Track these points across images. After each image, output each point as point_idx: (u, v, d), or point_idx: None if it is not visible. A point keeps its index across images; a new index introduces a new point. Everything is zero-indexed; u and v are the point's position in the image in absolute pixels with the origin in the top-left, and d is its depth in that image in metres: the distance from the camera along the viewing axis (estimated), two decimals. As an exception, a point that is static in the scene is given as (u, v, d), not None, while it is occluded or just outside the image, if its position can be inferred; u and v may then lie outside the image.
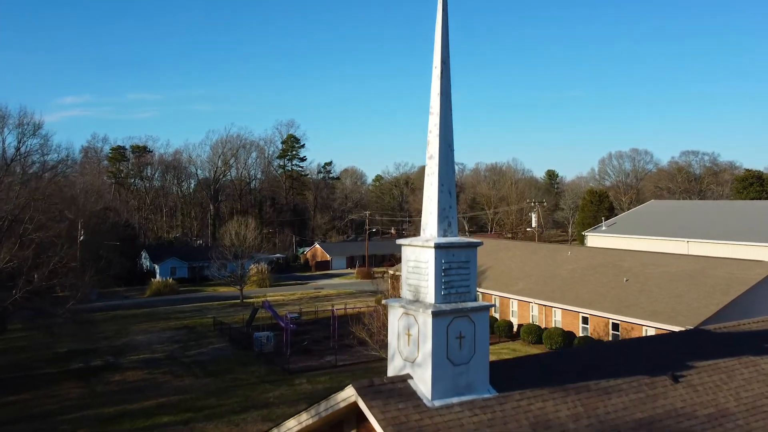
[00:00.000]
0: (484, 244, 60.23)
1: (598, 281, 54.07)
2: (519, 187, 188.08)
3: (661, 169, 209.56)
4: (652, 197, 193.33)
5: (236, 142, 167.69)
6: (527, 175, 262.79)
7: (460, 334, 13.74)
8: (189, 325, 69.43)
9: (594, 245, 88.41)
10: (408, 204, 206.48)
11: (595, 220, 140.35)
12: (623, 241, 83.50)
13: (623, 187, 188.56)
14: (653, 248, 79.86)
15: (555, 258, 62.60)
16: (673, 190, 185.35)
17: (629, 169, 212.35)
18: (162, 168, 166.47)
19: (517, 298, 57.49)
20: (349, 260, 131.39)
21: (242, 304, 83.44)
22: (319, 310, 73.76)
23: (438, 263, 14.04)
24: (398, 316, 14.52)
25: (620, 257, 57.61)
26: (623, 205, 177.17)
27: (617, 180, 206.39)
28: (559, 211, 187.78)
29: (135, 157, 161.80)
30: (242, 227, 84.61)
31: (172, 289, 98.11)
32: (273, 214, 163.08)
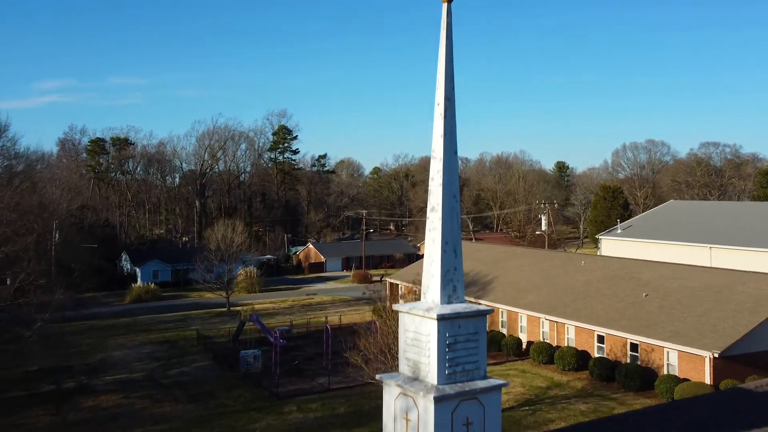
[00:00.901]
0: (489, 251, 58.99)
1: (614, 295, 52.85)
2: (527, 181, 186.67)
3: (679, 162, 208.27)
4: (668, 191, 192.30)
5: (224, 133, 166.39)
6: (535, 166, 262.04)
7: (467, 420, 12.47)
8: (171, 339, 68.22)
9: (608, 249, 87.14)
10: (408, 199, 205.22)
11: (608, 217, 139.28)
12: (640, 246, 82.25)
13: (638, 180, 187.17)
14: (672, 254, 78.61)
15: (567, 268, 61.36)
16: (691, 184, 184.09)
17: (645, 162, 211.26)
18: (144, 161, 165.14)
19: (527, 313, 56.28)
20: (344, 262, 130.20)
21: (229, 312, 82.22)
22: (311, 322, 72.45)
23: (441, 337, 12.77)
24: (395, 396, 13.21)
25: (638, 268, 56.36)
26: (638, 200, 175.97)
27: (632, 173, 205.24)
28: (569, 206, 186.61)
29: (115, 149, 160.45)
30: (229, 230, 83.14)
31: (154, 294, 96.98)
32: (263, 211, 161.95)
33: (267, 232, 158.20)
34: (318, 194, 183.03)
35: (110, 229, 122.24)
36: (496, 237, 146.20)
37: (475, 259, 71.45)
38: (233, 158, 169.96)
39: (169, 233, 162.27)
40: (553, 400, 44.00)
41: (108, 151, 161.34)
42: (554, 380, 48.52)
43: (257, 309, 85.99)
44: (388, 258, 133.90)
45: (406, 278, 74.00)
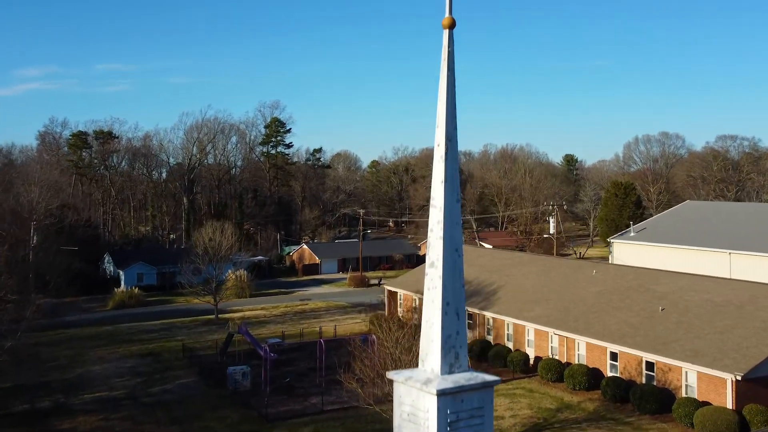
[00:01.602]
0: (494, 257, 58.19)
1: (628, 309, 51.79)
2: (534, 176, 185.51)
3: (695, 155, 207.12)
4: (683, 187, 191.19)
5: (213, 125, 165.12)
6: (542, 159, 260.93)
7: None
8: (154, 351, 67.18)
9: (621, 253, 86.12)
10: (408, 195, 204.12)
11: (619, 215, 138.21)
12: (654, 251, 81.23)
13: (651, 175, 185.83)
14: (689, 260, 77.58)
15: (577, 277, 60.30)
16: (707, 179, 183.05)
17: (658, 155, 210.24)
18: (129, 155, 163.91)
19: (534, 327, 55.24)
20: (340, 263, 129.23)
21: (217, 320, 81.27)
22: (304, 332, 71.43)
23: (442, 415, 11.65)
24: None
25: (654, 279, 55.29)
26: (651, 195, 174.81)
27: (644, 167, 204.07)
28: (578, 203, 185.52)
29: (99, 143, 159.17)
30: (217, 233, 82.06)
31: (138, 300, 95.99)
32: (255, 208, 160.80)
33: (259, 230, 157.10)
34: (313, 190, 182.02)
35: (92, 230, 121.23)
36: (500, 236, 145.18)
37: (478, 265, 70.39)
38: (223, 152, 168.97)
39: (155, 230, 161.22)
40: (563, 425, 42.98)
41: (91, 145, 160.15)
42: (564, 401, 47.49)
43: (247, 316, 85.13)
44: (386, 259, 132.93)
45: (407, 285, 73.06)
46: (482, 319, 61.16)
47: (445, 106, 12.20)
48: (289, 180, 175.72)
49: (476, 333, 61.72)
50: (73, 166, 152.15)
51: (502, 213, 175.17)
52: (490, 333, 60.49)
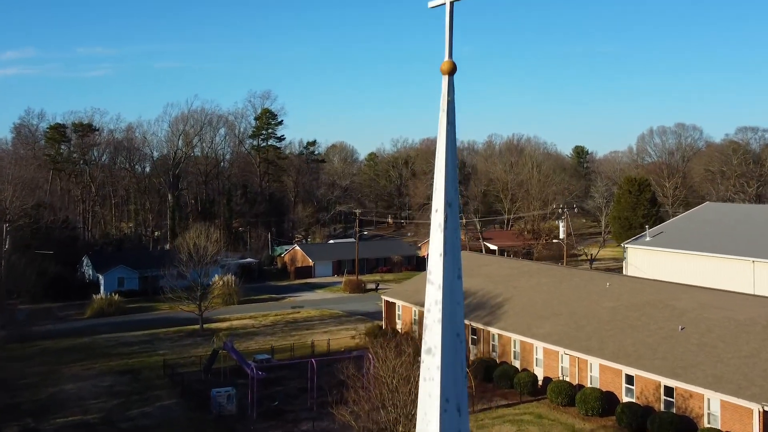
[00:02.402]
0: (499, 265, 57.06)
1: (645, 327, 50.57)
2: (542, 171, 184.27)
3: (713, 147, 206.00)
4: (701, 182, 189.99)
5: (200, 117, 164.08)
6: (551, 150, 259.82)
7: None
8: (134, 368, 65.99)
9: (636, 260, 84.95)
10: (408, 189, 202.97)
11: (633, 213, 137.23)
12: (671, 258, 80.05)
13: (667, 169, 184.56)
14: (709, 268, 76.42)
15: (590, 290, 59.08)
16: (727, 174, 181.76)
17: (674, 148, 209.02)
18: (111, 149, 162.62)
19: (543, 345, 54.04)
20: (335, 265, 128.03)
21: (202, 331, 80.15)
22: (295, 347, 70.21)
23: None
24: None
25: (672, 293, 54.06)
26: (666, 191, 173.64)
27: (659, 161, 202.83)
28: (589, 199, 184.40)
29: (78, 136, 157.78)
30: (202, 237, 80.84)
31: (118, 307, 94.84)
32: (245, 206, 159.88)
33: (249, 229, 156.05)
34: (306, 186, 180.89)
35: (70, 230, 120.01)
36: (506, 236, 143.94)
37: (483, 275, 69.21)
38: (211, 146, 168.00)
39: (138, 227, 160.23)
40: (574, 457, 41.79)
41: (69, 139, 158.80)
42: (576, 428, 46.31)
43: (234, 326, 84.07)
44: (384, 261, 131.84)
45: (406, 296, 71.90)
46: (487, 336, 59.99)
47: (445, 165, 11.00)
48: (280, 175, 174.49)
49: (480, 350, 60.56)
50: (50, 161, 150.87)
51: (507, 210, 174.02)
52: (496, 350, 59.33)
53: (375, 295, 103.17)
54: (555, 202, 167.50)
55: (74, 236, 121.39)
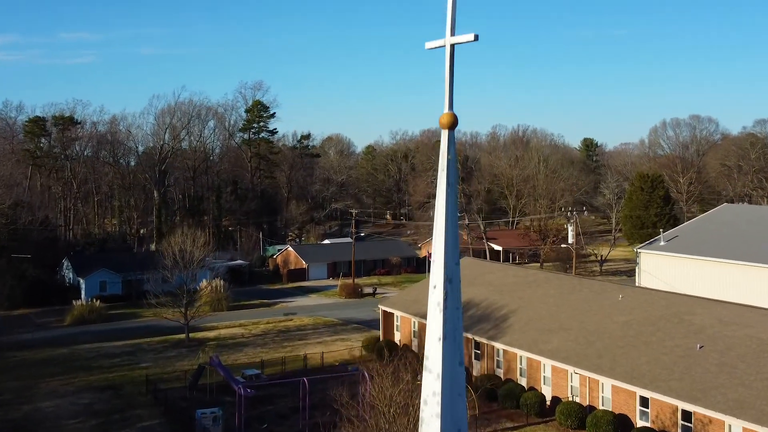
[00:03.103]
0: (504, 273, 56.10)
1: (660, 344, 49.61)
2: (549, 165, 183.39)
3: (729, 140, 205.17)
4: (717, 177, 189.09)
5: (188, 109, 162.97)
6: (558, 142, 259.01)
7: None
8: (115, 383, 65.06)
9: (649, 265, 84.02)
10: (407, 184, 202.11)
11: (645, 211, 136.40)
12: (687, 265, 79.09)
13: (681, 163, 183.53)
14: (727, 275, 75.47)
15: (601, 302, 58.10)
16: (744, 169, 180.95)
17: (688, 141, 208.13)
18: (93, 143, 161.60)
19: (551, 363, 53.07)
20: (330, 268, 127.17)
21: (188, 341, 79.27)
22: (287, 360, 69.23)
23: None
24: None
25: (689, 307, 53.07)
26: (681, 187, 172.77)
27: (673, 154, 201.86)
28: (599, 196, 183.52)
29: (58, 130, 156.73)
30: (188, 242, 79.91)
31: (99, 314, 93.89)
32: (235, 203, 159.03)
33: (239, 228, 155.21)
34: (300, 182, 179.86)
35: (50, 231, 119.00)
36: (512, 236, 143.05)
37: (487, 283, 68.28)
38: (199, 139, 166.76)
39: (123, 225, 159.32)
40: (585, 489, 40.85)
41: (50, 132, 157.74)
42: (586, 455, 45.39)
43: (223, 335, 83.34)
44: (382, 263, 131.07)
45: (405, 306, 70.93)
46: (491, 351, 59.06)
47: (445, 232, 10.04)
48: (273, 171, 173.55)
49: (484, 366, 59.66)
50: (29, 157, 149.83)
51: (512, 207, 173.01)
52: (500, 366, 58.42)
53: (372, 301, 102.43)
54: (563, 198, 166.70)
55: (54, 237, 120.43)
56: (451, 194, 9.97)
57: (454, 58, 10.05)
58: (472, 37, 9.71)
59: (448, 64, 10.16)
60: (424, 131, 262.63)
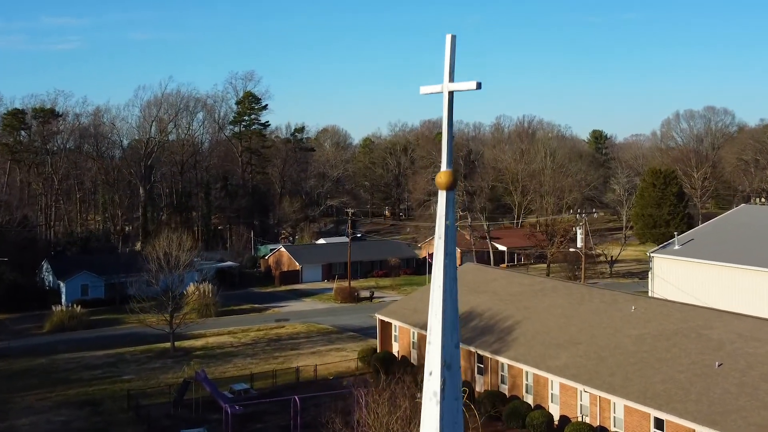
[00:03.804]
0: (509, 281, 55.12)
1: (675, 361, 48.65)
2: (556, 159, 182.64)
3: (746, 133, 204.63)
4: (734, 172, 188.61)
5: (176, 101, 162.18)
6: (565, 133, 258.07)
7: None
8: (95, 398, 64.15)
9: (663, 270, 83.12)
10: (406, 179, 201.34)
11: (658, 208, 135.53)
12: (703, 271, 78.13)
13: (695, 158, 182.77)
14: (746, 282, 74.58)
15: (612, 314, 57.14)
16: (762, 164, 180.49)
17: (703, 133, 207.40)
18: (75, 137, 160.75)
19: (560, 380, 52.13)
20: (325, 269, 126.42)
21: (174, 351, 78.39)
22: (278, 373, 68.23)
23: None
24: None
25: (707, 321, 52.12)
26: (695, 182, 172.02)
27: (686, 148, 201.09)
28: (609, 191, 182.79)
29: (39, 123, 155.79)
30: (174, 246, 79.01)
31: (80, 321, 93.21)
32: (225, 200, 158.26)
33: (230, 227, 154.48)
34: (293, 178, 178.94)
35: (28, 231, 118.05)
36: (517, 235, 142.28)
37: (491, 292, 67.36)
38: (187, 132, 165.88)
39: (107, 222, 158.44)
40: None
41: (29, 125, 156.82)
42: (597, 481, 44.48)
43: (210, 344, 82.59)
44: (380, 264, 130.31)
45: (403, 315, 70.07)
46: (495, 365, 58.15)
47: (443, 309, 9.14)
48: (265, 166, 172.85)
49: (488, 381, 58.77)
50: (8, 151, 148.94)
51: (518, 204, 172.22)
52: (505, 382, 57.52)
53: (369, 306, 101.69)
54: (571, 195, 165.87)
55: (33, 237, 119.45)
56: (450, 265, 9.00)
57: (453, 107, 9.01)
58: (473, 86, 8.70)
59: (446, 113, 9.14)
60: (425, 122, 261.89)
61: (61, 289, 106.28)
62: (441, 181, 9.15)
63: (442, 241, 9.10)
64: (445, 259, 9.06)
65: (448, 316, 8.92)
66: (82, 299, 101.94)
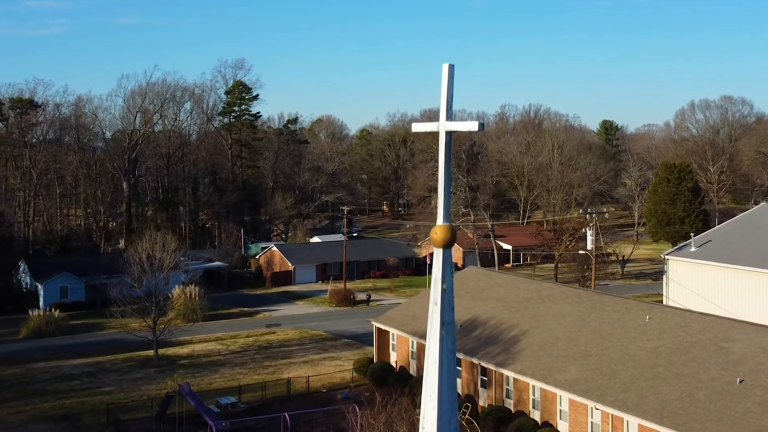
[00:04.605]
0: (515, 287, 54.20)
1: (693, 377, 47.62)
2: (564, 152, 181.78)
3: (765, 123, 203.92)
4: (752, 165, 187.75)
5: (162, 90, 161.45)
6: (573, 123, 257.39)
7: None
8: (72, 412, 63.32)
9: (678, 274, 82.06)
10: (406, 173, 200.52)
11: (672, 205, 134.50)
12: (722, 275, 77.04)
13: (711, 150, 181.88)
14: None
15: (625, 324, 56.12)
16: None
17: (719, 124, 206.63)
18: (56, 128, 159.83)
19: (569, 396, 51.12)
20: (319, 270, 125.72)
21: (157, 361, 77.52)
22: (267, 384, 67.30)
23: None
24: None
25: (727, 332, 51.05)
26: (711, 176, 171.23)
27: (702, 140, 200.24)
28: (620, 186, 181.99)
29: (16, 114, 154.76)
30: (157, 247, 78.11)
31: (59, 326, 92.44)
32: (214, 195, 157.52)
33: (219, 224, 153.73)
34: (286, 172, 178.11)
35: (4, 229, 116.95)
36: (523, 234, 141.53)
37: (494, 298, 66.40)
38: (174, 124, 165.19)
39: (88, 218, 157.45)
40: None
41: (6, 117, 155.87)
42: (609, 507, 43.53)
43: (197, 352, 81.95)
44: (378, 264, 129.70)
45: (402, 323, 69.18)
46: (500, 378, 57.20)
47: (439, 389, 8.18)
48: (256, 159, 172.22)
49: (492, 395, 57.83)
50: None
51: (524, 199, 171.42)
52: (510, 396, 56.57)
53: (366, 309, 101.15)
54: (580, 189, 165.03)
55: (9, 236, 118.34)
56: (447, 336, 8.01)
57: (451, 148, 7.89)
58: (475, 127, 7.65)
59: (443, 154, 8.04)
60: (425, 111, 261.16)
61: (39, 291, 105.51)
62: (437, 237, 8.09)
63: (438, 307, 8.07)
64: (441, 329, 8.05)
65: (445, 398, 7.93)
66: (61, 302, 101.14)
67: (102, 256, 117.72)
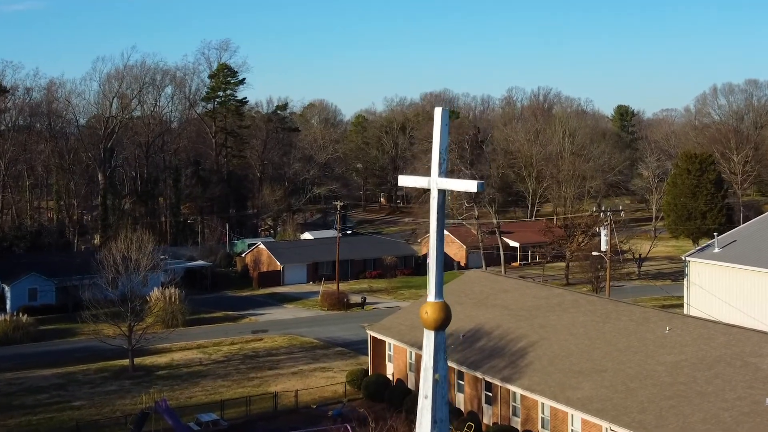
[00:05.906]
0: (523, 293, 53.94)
1: (718, 396, 46.84)
2: (575, 141, 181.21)
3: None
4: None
5: (140, 73, 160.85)
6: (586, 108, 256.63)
7: None
8: (39, 430, 62.86)
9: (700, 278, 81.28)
10: (404, 161, 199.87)
11: (693, 198, 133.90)
12: (748, 279, 76.23)
13: (735, 138, 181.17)
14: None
15: (643, 335, 55.35)
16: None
17: (744, 111, 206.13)
18: (25, 114, 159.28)
19: (582, 415, 50.32)
20: (311, 269, 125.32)
21: (132, 372, 76.81)
22: (252, 399, 66.56)
23: None
24: None
25: (755, 346, 50.27)
26: (734, 167, 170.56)
27: (725, 127, 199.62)
28: (636, 177, 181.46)
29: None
30: (132, 248, 77.38)
31: (27, 332, 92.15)
32: (196, 188, 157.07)
33: (201, 219, 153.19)
34: (275, 163, 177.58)
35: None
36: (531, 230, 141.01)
37: (500, 306, 65.69)
38: (154, 110, 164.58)
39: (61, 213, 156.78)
40: None
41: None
42: None
43: (176, 361, 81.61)
44: (374, 263, 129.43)
45: (399, 332, 68.63)
46: (506, 395, 56.47)
47: None
48: (242, 148, 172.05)
49: (498, 413, 57.19)
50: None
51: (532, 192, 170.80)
52: (518, 414, 55.86)
53: (361, 313, 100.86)
54: (593, 181, 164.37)
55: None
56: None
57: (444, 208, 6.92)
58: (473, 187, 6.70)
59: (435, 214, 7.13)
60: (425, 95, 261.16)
61: (6, 293, 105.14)
62: (428, 317, 7.41)
63: (428, 402, 7.42)
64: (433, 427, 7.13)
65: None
66: (30, 305, 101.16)
67: (75, 255, 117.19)
